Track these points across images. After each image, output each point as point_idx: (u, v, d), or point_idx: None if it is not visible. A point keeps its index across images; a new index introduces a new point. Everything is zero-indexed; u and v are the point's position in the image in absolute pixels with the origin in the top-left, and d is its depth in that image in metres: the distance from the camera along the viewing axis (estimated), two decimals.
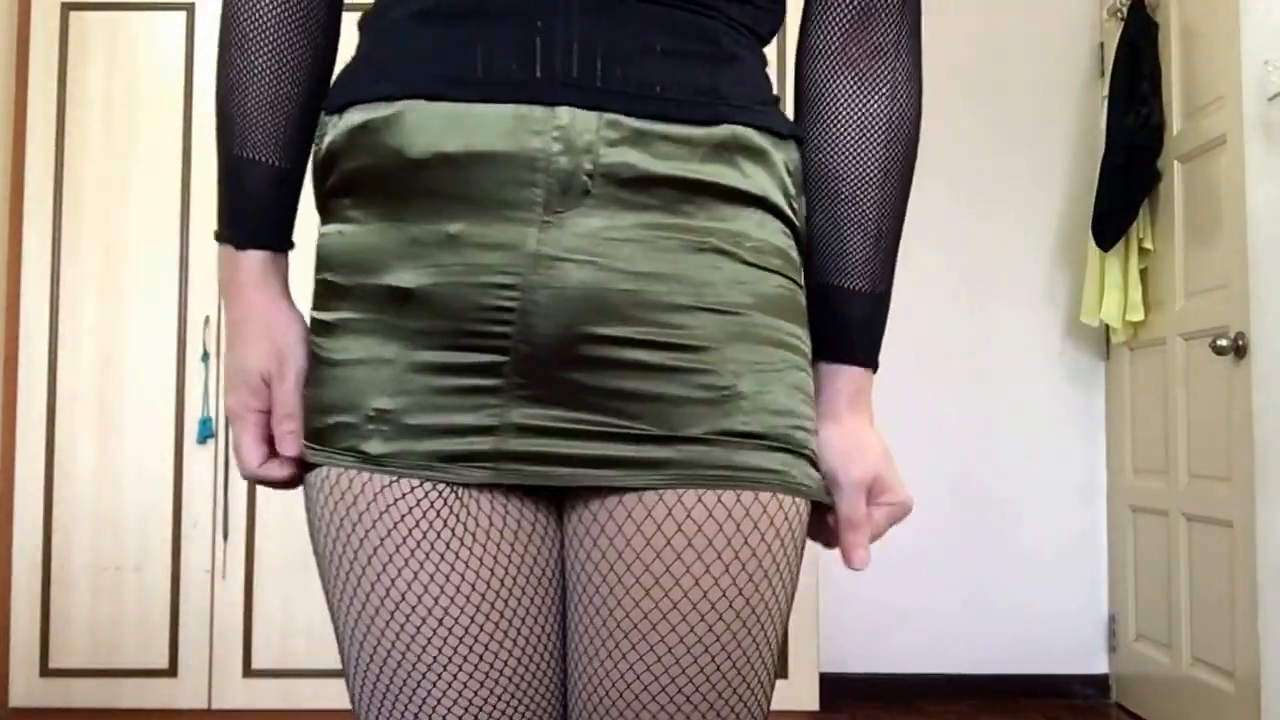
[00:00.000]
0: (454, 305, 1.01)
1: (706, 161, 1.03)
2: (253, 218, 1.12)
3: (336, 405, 1.05)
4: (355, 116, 1.04)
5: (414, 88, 1.01)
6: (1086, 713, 4.11)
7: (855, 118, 1.14)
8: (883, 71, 1.14)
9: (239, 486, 3.55)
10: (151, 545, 3.55)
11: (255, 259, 1.12)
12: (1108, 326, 4.09)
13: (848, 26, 1.14)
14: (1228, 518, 3.33)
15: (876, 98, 1.14)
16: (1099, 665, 4.27)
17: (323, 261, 1.08)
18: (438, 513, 1.03)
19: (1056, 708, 4.14)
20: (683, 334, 1.03)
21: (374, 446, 1.03)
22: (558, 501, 1.09)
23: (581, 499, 1.07)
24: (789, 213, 1.10)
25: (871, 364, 1.23)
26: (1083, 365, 4.33)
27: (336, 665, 3.40)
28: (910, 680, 4.26)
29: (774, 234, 1.09)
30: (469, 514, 1.05)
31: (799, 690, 3.57)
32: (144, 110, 3.63)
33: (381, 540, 1.03)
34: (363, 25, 1.11)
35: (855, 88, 1.14)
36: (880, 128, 1.14)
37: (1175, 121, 3.73)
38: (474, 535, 1.04)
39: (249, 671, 3.54)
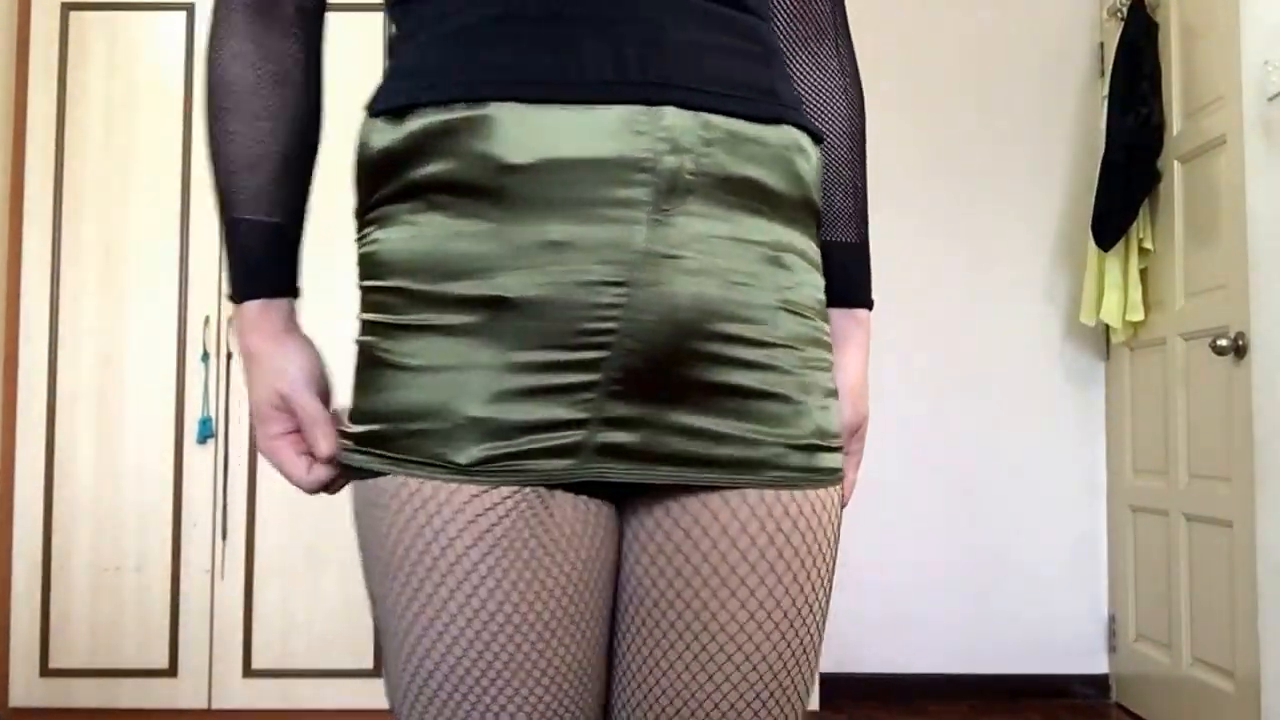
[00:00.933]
0: (559, 307, 0.99)
1: (775, 165, 1.06)
2: (244, 273, 1.16)
3: (418, 411, 1.03)
4: (426, 119, 1.02)
5: (503, 89, 1.00)
6: (1086, 713, 4.11)
7: (822, 91, 1.24)
8: (828, 47, 1.25)
9: (239, 486, 3.55)
10: (151, 545, 3.55)
11: (252, 308, 1.16)
12: (1108, 326, 4.09)
13: (790, 8, 1.24)
14: (1228, 518, 3.32)
15: (833, 73, 1.26)
16: (1099, 665, 4.27)
17: (385, 267, 1.07)
18: (525, 520, 1.02)
19: (1056, 708, 4.14)
20: (774, 334, 1.06)
21: (465, 455, 1.00)
22: (617, 498, 1.09)
23: (652, 495, 1.07)
24: (818, 210, 1.15)
25: (871, 304, 1.32)
26: (1083, 365, 4.33)
27: (336, 665, 3.42)
28: (910, 680, 4.26)
29: (815, 234, 1.14)
30: (552, 517, 1.03)
31: None
32: (144, 110, 3.64)
33: (467, 549, 1.01)
34: (408, 33, 1.10)
35: (812, 64, 1.25)
36: (842, 97, 1.25)
37: (1175, 121, 3.72)
38: (555, 540, 1.03)
39: (249, 671, 3.54)
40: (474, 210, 1.01)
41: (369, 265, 1.09)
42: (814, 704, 3.59)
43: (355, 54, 3.64)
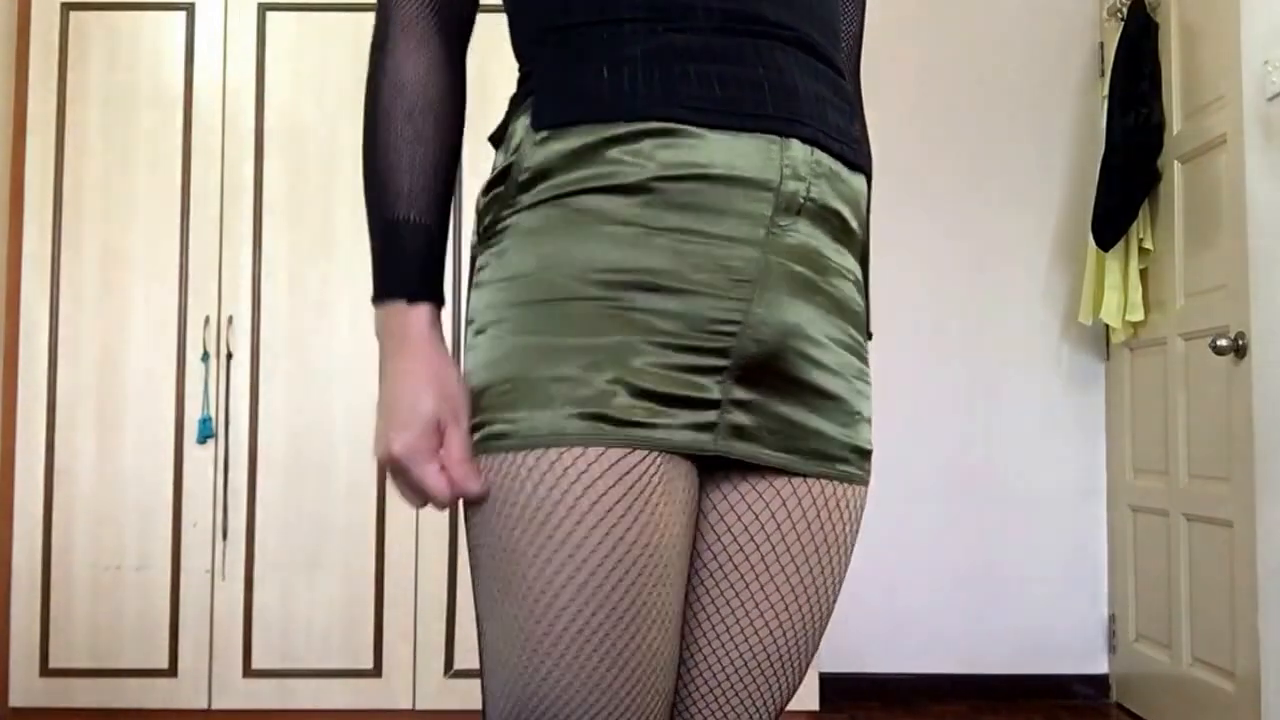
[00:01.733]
0: (701, 298, 1.14)
1: (853, 206, 1.24)
2: (419, 275, 1.21)
3: (577, 379, 1.13)
4: (601, 133, 1.15)
5: (675, 113, 1.14)
6: (1086, 713, 4.10)
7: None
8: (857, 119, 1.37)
9: (239, 486, 3.55)
10: (151, 545, 3.55)
11: (423, 312, 1.20)
12: (1108, 327, 4.09)
13: None
14: (1228, 518, 3.32)
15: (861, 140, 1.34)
16: (1099, 665, 4.27)
17: (543, 260, 1.17)
18: (662, 481, 1.14)
19: (1056, 708, 4.14)
20: (856, 345, 1.26)
21: (623, 413, 1.12)
22: (702, 469, 1.21)
23: (734, 472, 1.22)
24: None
25: (870, 335, 1.40)
26: (1083, 365, 4.33)
27: (336, 665, 3.43)
28: (910, 680, 4.26)
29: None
30: (674, 483, 1.16)
31: (799, 690, 3.56)
32: (144, 110, 3.64)
33: (612, 502, 1.11)
34: (582, 54, 1.18)
35: None
36: (867, 163, 1.31)
37: (1175, 121, 3.72)
38: (677, 502, 1.16)
39: (249, 671, 3.53)
40: (625, 211, 1.14)
41: (516, 260, 1.18)
42: (814, 704, 3.59)
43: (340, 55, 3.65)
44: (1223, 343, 3.23)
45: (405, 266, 1.20)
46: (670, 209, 1.13)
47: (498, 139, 1.25)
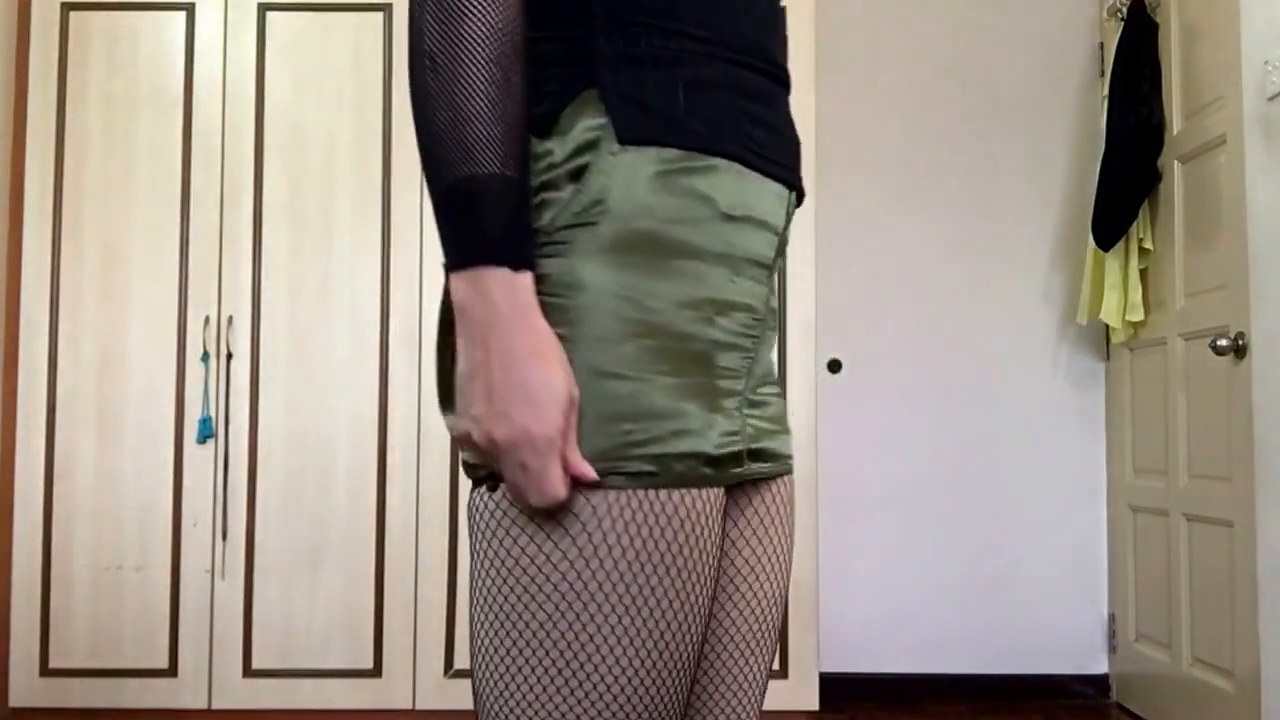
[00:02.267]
0: (736, 333, 1.15)
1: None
2: (523, 238, 1.07)
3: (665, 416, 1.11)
4: (680, 162, 1.11)
5: (743, 154, 1.15)
6: (1086, 713, 4.10)
7: None
8: None
9: (239, 486, 3.55)
10: (151, 545, 3.55)
11: (528, 280, 1.06)
12: (1108, 327, 4.09)
13: None
14: (1228, 518, 3.32)
15: None
16: (1099, 665, 4.26)
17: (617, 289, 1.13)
18: (720, 515, 1.17)
19: (1056, 708, 4.14)
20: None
21: (735, 449, 1.15)
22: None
23: (737, 496, 1.28)
24: None
25: None
26: (1083, 365, 4.32)
27: (336, 665, 3.43)
28: (910, 680, 4.26)
29: None
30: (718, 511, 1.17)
31: (799, 690, 3.56)
32: (144, 109, 3.63)
33: (706, 547, 1.14)
34: (655, 62, 1.13)
35: None
36: None
37: (1175, 121, 3.72)
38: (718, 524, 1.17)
39: (249, 671, 3.53)
40: (697, 246, 1.12)
41: (581, 293, 1.10)
42: (814, 704, 3.58)
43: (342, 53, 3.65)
44: (1223, 343, 3.22)
45: (509, 228, 1.06)
46: (697, 248, 1.12)
47: (544, 127, 1.12)
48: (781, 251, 1.22)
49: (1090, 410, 4.30)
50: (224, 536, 3.55)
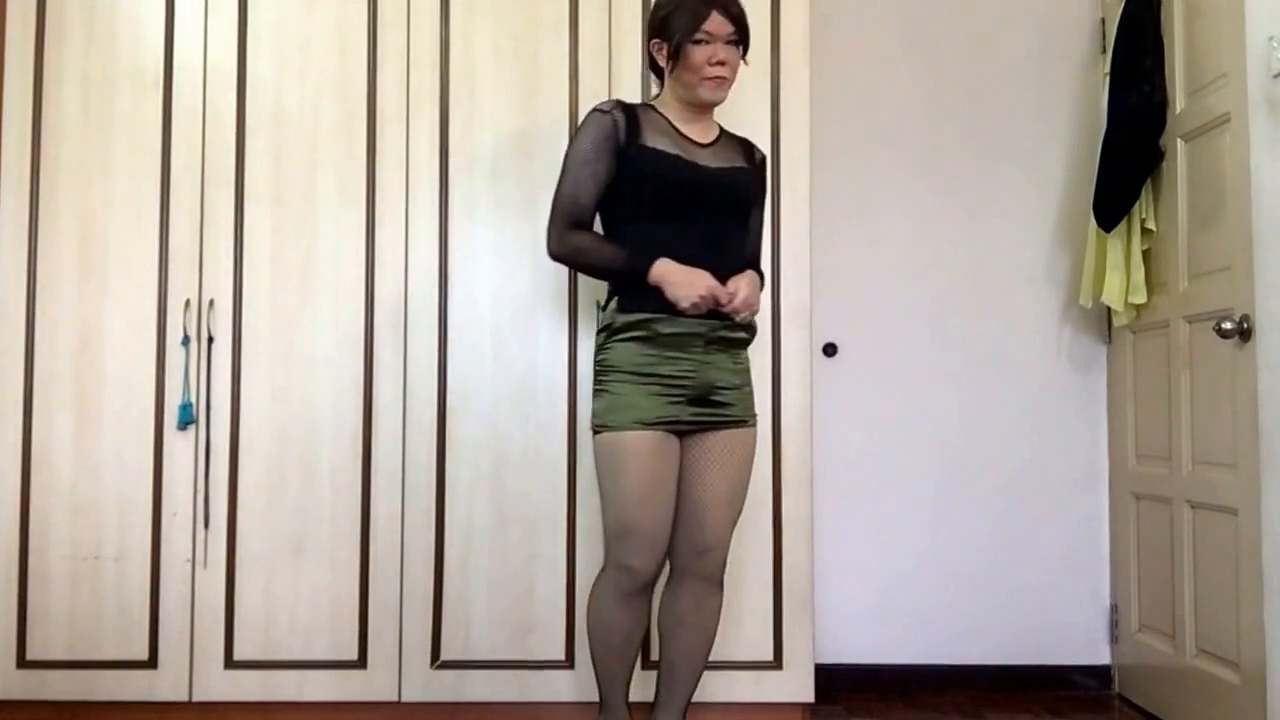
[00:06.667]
0: (676, 379, 2.87)
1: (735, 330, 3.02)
2: (648, 257, 2.87)
3: (629, 409, 2.86)
4: (642, 316, 2.86)
5: (661, 312, 2.87)
6: (1088, 704, 4.05)
7: None
8: None
9: (220, 474, 3.49)
10: (131, 534, 3.49)
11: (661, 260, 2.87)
12: (1110, 309, 4.04)
13: None
14: (1232, 505, 3.28)
15: None
16: (1101, 656, 4.22)
17: (617, 360, 2.90)
18: (664, 444, 2.85)
19: (1058, 699, 4.09)
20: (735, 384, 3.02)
21: (649, 418, 2.85)
22: (681, 435, 2.90)
23: (694, 434, 2.92)
24: None
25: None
26: (1084, 349, 4.27)
27: (319, 656, 3.41)
28: (908, 671, 4.22)
29: None
30: (670, 443, 2.87)
31: (794, 682, 3.51)
32: (123, 89, 3.57)
33: (649, 455, 2.83)
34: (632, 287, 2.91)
35: None
36: None
37: (1179, 99, 3.66)
38: (672, 450, 2.87)
39: (231, 663, 3.48)
40: (648, 346, 2.86)
41: (612, 359, 2.91)
42: (809, 696, 3.52)
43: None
44: (1227, 325, 3.18)
45: (642, 257, 2.85)
46: (662, 346, 2.87)
47: (602, 309, 2.97)
48: (710, 341, 2.98)
49: (1092, 394, 4.25)
50: (205, 525, 3.49)
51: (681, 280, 2.80)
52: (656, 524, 2.83)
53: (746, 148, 3.12)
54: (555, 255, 2.93)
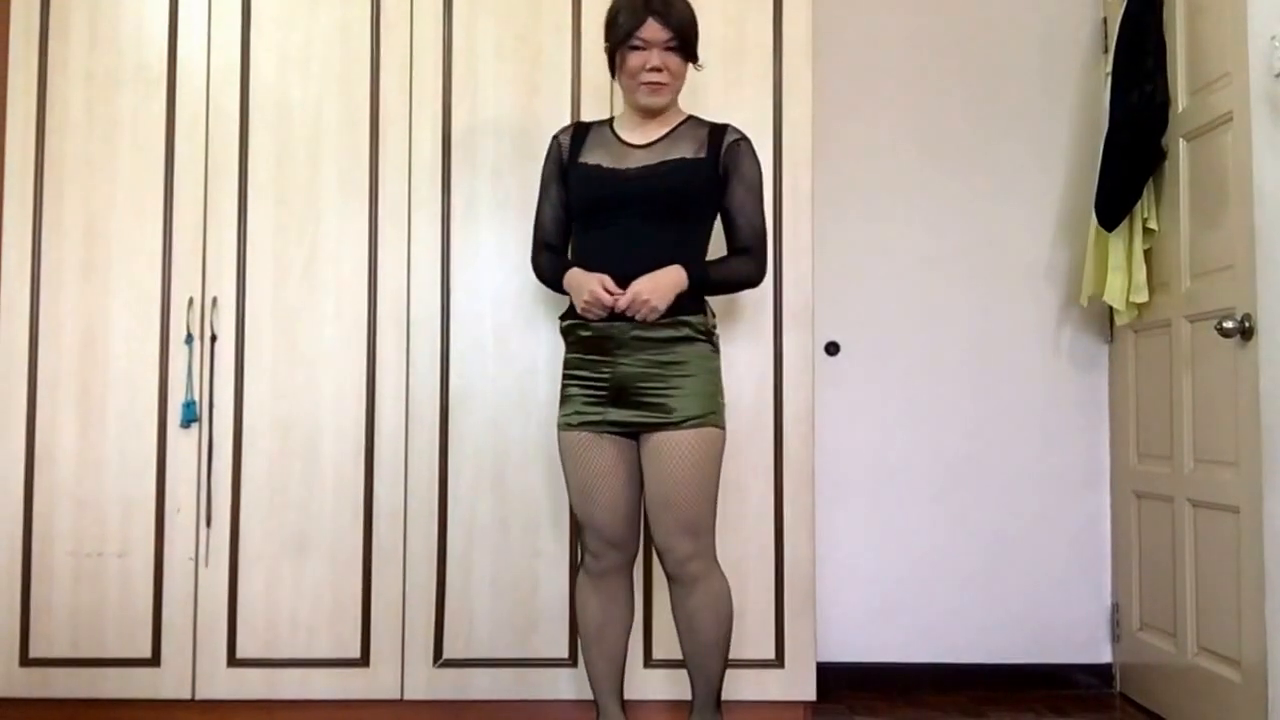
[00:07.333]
0: (599, 379, 2.96)
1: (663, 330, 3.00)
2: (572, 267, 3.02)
3: (568, 409, 3.03)
4: (570, 322, 3.02)
5: (576, 319, 3.01)
6: (1090, 703, 4.05)
7: None
8: None
9: (223, 471, 3.50)
10: (134, 532, 3.50)
11: (575, 270, 3.02)
12: (1111, 309, 4.04)
13: None
14: (1234, 503, 3.27)
15: None
16: (1102, 655, 4.22)
17: (567, 362, 3.06)
18: (593, 442, 2.97)
19: (1059, 698, 4.09)
20: (670, 379, 2.99)
21: (574, 421, 3.00)
22: (634, 439, 2.96)
23: (641, 436, 2.94)
24: None
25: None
26: (1086, 348, 4.27)
27: (321, 654, 3.41)
28: (910, 670, 4.21)
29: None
30: (599, 440, 2.97)
31: (795, 680, 3.50)
32: (127, 86, 3.57)
33: (581, 452, 2.99)
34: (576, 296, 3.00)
35: None
36: None
37: (1180, 98, 3.66)
38: (603, 449, 2.97)
39: (233, 660, 3.48)
40: (576, 349, 3.02)
41: (566, 362, 3.06)
42: (811, 694, 3.52)
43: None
44: (1229, 325, 3.18)
45: (564, 268, 3.03)
46: (588, 349, 2.98)
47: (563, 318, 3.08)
48: (621, 345, 2.98)
49: (1093, 394, 4.25)
50: (208, 523, 3.49)
51: (574, 286, 2.94)
52: (602, 516, 2.98)
53: (713, 134, 3.02)
54: (537, 276, 3.18)
